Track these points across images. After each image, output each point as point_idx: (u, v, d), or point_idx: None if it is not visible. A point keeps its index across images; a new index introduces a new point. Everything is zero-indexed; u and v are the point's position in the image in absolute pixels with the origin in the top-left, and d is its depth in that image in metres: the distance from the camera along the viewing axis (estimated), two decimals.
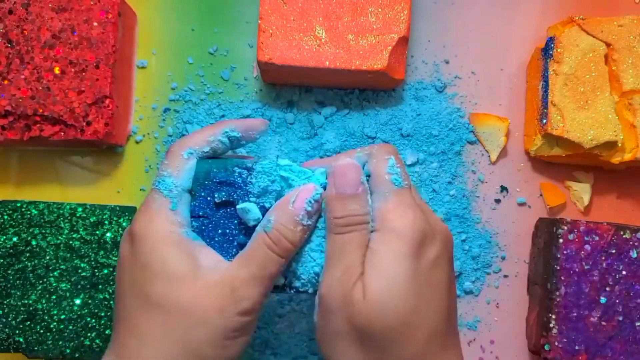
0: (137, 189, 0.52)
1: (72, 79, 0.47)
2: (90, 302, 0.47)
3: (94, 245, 0.47)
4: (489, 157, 0.53)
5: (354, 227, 0.35)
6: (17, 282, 0.47)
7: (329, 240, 0.36)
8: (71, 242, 0.47)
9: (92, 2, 0.48)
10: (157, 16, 0.53)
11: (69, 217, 0.47)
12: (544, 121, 0.49)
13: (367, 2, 0.47)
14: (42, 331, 0.46)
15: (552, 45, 0.49)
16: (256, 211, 0.36)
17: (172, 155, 0.37)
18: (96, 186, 0.53)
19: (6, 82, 0.47)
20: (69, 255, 0.47)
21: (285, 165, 0.39)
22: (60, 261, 0.47)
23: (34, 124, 0.47)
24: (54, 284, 0.47)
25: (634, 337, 0.46)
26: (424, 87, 0.53)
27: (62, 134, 0.47)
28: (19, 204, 0.47)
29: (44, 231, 0.47)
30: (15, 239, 0.47)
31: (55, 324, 0.47)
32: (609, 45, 0.48)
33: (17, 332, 0.46)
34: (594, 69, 0.48)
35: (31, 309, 0.47)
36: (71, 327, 0.47)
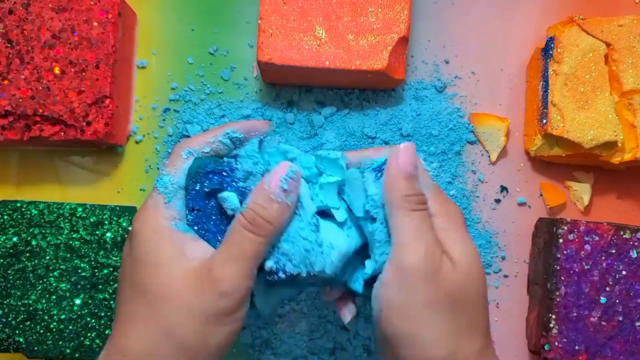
0: (137, 189, 0.52)
1: (72, 79, 0.47)
2: (90, 302, 0.47)
3: (94, 245, 0.47)
4: (489, 157, 0.53)
5: (425, 206, 0.37)
6: (17, 282, 0.47)
7: (399, 217, 0.36)
8: (71, 242, 0.47)
9: (92, 2, 0.48)
10: (157, 16, 0.53)
11: (69, 217, 0.47)
12: (544, 121, 0.49)
13: (367, 2, 0.47)
14: (42, 331, 0.46)
15: (552, 45, 0.49)
16: (233, 200, 0.37)
17: (173, 155, 0.39)
18: (96, 186, 0.53)
19: (6, 82, 0.47)
20: (69, 255, 0.47)
21: (271, 147, 0.40)
22: (60, 261, 0.47)
23: (34, 124, 0.47)
24: (54, 284, 0.47)
25: (634, 337, 0.46)
26: (424, 87, 0.53)
27: (62, 134, 0.47)
28: (19, 204, 0.47)
29: (44, 231, 0.47)
30: (15, 239, 0.47)
31: (55, 324, 0.47)
32: (609, 45, 0.48)
33: (17, 332, 0.46)
34: (594, 69, 0.48)
35: (31, 309, 0.47)
36: (71, 327, 0.47)
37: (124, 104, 0.51)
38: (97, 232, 0.47)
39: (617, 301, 0.46)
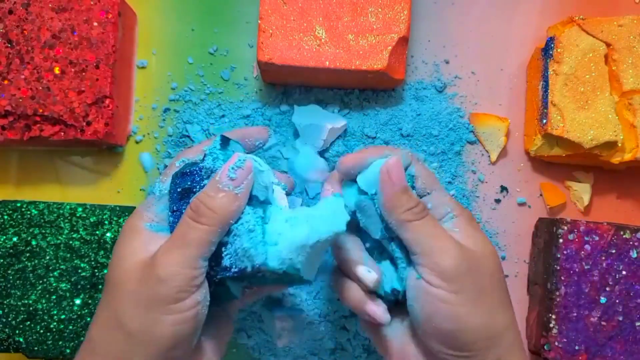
0: (137, 189, 0.52)
1: (72, 79, 0.47)
2: (90, 302, 0.47)
3: (94, 245, 0.47)
4: (489, 157, 0.53)
5: (426, 209, 0.39)
6: (17, 282, 0.47)
7: (413, 229, 0.38)
8: (71, 242, 0.47)
9: (92, 2, 0.48)
10: (157, 16, 0.53)
11: (69, 217, 0.47)
12: (544, 121, 0.49)
13: (367, 2, 0.47)
14: (42, 331, 0.46)
15: (552, 45, 0.49)
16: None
17: (169, 165, 0.41)
18: (96, 186, 0.53)
19: (6, 82, 0.47)
20: (69, 255, 0.47)
21: (237, 144, 0.41)
22: (60, 261, 0.47)
23: (34, 124, 0.47)
24: (54, 284, 0.47)
25: (634, 337, 0.46)
26: (424, 87, 0.53)
27: (62, 134, 0.47)
28: (19, 204, 0.47)
29: (44, 231, 0.47)
30: (15, 239, 0.47)
31: (55, 324, 0.47)
32: (609, 45, 0.48)
33: (17, 332, 0.46)
34: (594, 69, 0.48)
35: (31, 309, 0.47)
36: (71, 327, 0.47)
37: (124, 104, 0.51)
38: (97, 232, 0.47)
39: (617, 301, 0.46)
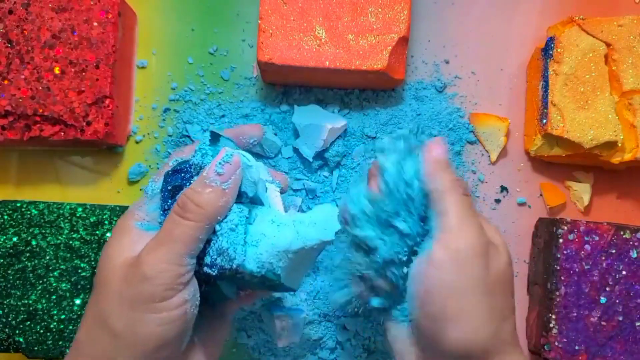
0: (137, 189, 0.52)
1: (72, 79, 0.47)
2: None
3: (94, 245, 0.47)
4: (489, 157, 0.53)
5: (469, 193, 0.38)
6: (17, 282, 0.47)
7: (451, 201, 0.37)
8: (71, 242, 0.47)
9: (92, 2, 0.48)
10: (157, 16, 0.53)
11: (69, 217, 0.47)
12: (544, 121, 0.49)
13: (367, 2, 0.47)
14: (42, 331, 0.46)
15: (552, 45, 0.49)
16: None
17: (163, 165, 0.40)
18: (96, 186, 0.53)
19: (6, 82, 0.47)
20: (69, 255, 0.47)
21: (227, 139, 0.40)
22: (60, 261, 0.47)
23: (34, 124, 0.47)
24: (54, 284, 0.47)
25: (634, 337, 0.46)
26: (424, 87, 0.53)
27: (62, 134, 0.47)
28: (19, 204, 0.47)
29: (44, 231, 0.47)
30: (15, 239, 0.47)
31: (55, 324, 0.47)
32: (609, 45, 0.48)
33: (17, 332, 0.46)
34: (594, 69, 0.48)
35: (31, 309, 0.47)
36: (71, 327, 0.47)
37: (124, 104, 0.51)
38: (97, 232, 0.47)
39: (617, 301, 0.46)
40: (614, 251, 0.47)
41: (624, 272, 0.46)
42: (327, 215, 0.38)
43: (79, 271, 0.47)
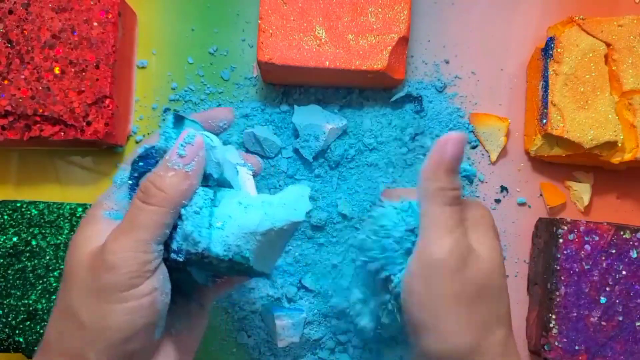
0: None
1: (72, 79, 0.47)
2: None
3: None
4: (489, 157, 0.53)
5: (458, 201, 0.36)
6: (17, 282, 0.47)
7: (431, 209, 0.36)
8: None
9: (92, 2, 0.48)
10: (157, 16, 0.53)
11: (69, 217, 0.47)
12: (544, 121, 0.49)
13: (367, 2, 0.47)
14: (42, 331, 0.46)
15: (552, 45, 0.49)
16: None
17: (132, 153, 0.39)
18: (96, 186, 0.53)
19: (6, 82, 0.47)
20: None
21: (191, 122, 0.39)
22: (60, 261, 0.47)
23: (34, 124, 0.47)
24: (54, 284, 0.47)
25: (634, 337, 0.46)
26: (424, 87, 0.53)
27: (62, 134, 0.47)
28: (19, 204, 0.47)
29: (44, 231, 0.47)
30: (15, 239, 0.47)
31: None
32: (609, 45, 0.48)
33: (17, 332, 0.46)
34: (594, 69, 0.48)
35: (31, 309, 0.47)
36: None
37: (124, 104, 0.51)
38: None
39: (617, 301, 0.46)
40: (614, 251, 0.47)
41: (624, 272, 0.46)
42: (298, 195, 0.37)
43: None
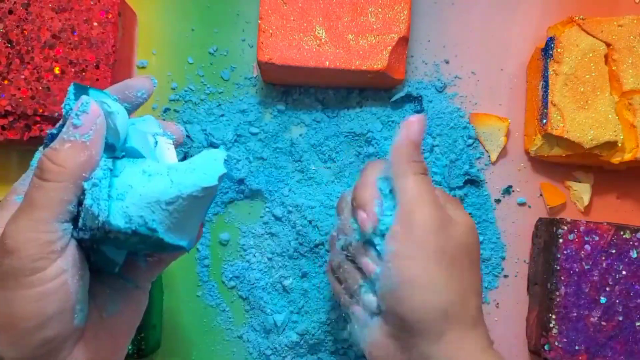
0: None
1: (72, 79, 0.47)
2: None
3: None
4: (489, 157, 0.53)
5: (426, 172, 0.39)
6: None
7: (406, 179, 0.39)
8: None
9: (92, 2, 0.48)
10: (157, 16, 0.53)
11: None
12: (544, 121, 0.49)
13: (367, 2, 0.47)
14: None
15: (552, 45, 0.49)
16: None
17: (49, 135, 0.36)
18: None
19: (6, 82, 0.47)
20: None
21: (97, 93, 0.35)
22: None
23: (34, 124, 0.47)
24: None
25: (634, 337, 0.46)
26: (424, 87, 0.53)
27: None
28: None
29: None
30: None
31: None
32: (609, 45, 0.48)
33: None
34: (594, 69, 0.48)
35: None
36: None
37: None
38: None
39: (617, 301, 0.46)
40: (614, 251, 0.47)
41: (624, 272, 0.46)
42: (209, 159, 0.34)
43: None
